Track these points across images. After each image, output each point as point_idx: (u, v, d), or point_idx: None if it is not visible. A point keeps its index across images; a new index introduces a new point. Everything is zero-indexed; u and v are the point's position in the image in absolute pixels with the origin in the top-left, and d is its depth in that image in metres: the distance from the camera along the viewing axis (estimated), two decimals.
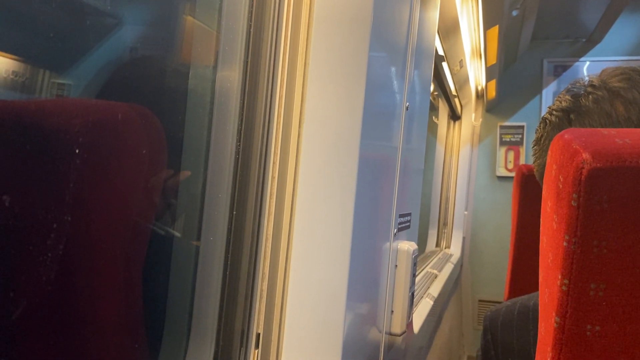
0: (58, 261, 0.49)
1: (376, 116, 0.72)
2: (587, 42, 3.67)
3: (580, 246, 0.45)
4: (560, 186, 0.46)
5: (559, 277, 0.46)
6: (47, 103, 0.55)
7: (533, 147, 0.94)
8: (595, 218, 0.44)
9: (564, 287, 0.46)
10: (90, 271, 0.55)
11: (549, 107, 0.91)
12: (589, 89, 0.84)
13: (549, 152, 0.50)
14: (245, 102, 0.66)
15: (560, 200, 0.46)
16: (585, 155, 0.44)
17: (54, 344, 0.52)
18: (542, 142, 0.91)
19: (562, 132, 0.50)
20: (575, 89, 0.86)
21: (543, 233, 0.52)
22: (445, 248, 3.27)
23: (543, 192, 0.52)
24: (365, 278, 0.73)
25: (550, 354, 0.47)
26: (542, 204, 0.53)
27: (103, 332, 0.58)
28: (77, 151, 0.49)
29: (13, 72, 0.54)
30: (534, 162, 0.94)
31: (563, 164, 0.46)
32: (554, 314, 0.47)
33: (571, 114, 0.85)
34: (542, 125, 0.91)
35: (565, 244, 0.45)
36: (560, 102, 0.87)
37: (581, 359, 0.46)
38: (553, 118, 0.88)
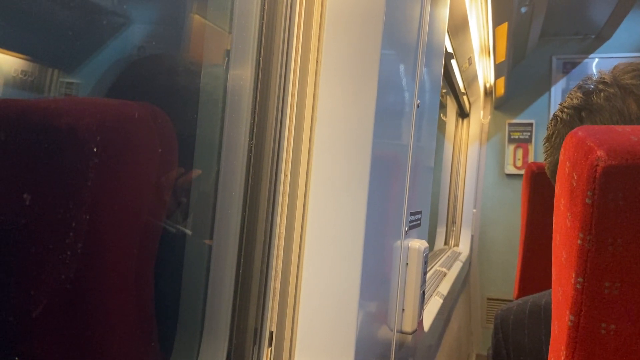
0: (71, 260, 0.49)
1: (388, 114, 0.72)
2: (597, 38, 3.64)
3: (595, 244, 0.44)
4: (574, 184, 0.46)
5: (573, 275, 0.46)
6: (59, 102, 0.56)
7: (544, 144, 0.93)
8: (610, 216, 0.44)
9: (578, 286, 0.46)
10: (103, 269, 0.55)
11: (560, 104, 0.90)
12: (601, 86, 0.83)
13: (562, 150, 0.50)
14: (258, 100, 0.67)
15: (574, 198, 0.46)
16: (600, 153, 0.44)
17: (67, 342, 0.52)
18: (553, 139, 0.90)
19: (576, 129, 0.50)
20: (586, 86, 0.86)
21: (556, 231, 0.52)
22: (453, 246, 3.26)
23: (556, 190, 0.52)
24: (377, 276, 0.73)
25: (564, 353, 0.47)
26: (555, 201, 0.52)
27: (117, 330, 0.58)
28: (89, 150, 0.49)
29: (22, 71, 0.54)
30: (545, 160, 0.93)
31: (577, 162, 0.46)
32: (568, 312, 0.47)
33: (582, 111, 0.84)
34: (553, 122, 0.91)
35: (579, 242, 0.45)
36: (572, 99, 0.86)
37: (596, 358, 0.46)
38: (564, 115, 0.87)
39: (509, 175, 3.76)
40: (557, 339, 0.50)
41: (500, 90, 3.40)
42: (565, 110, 0.87)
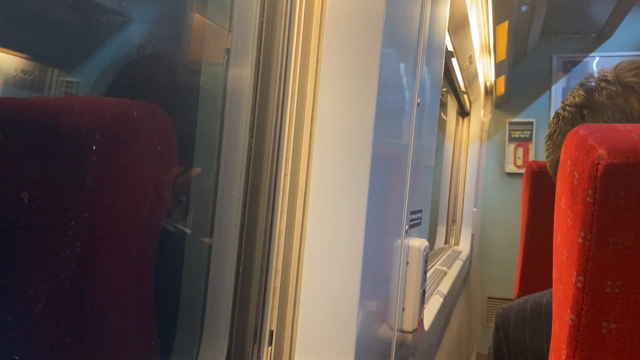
0: (71, 259, 0.49)
1: (388, 113, 0.72)
2: (597, 37, 3.64)
3: (596, 243, 0.44)
4: (575, 182, 0.46)
5: (574, 274, 0.46)
6: (59, 101, 0.56)
7: (546, 142, 0.93)
8: (611, 214, 0.44)
9: (579, 284, 0.45)
10: (103, 268, 0.55)
11: (563, 102, 0.90)
12: (603, 84, 0.83)
13: (563, 148, 0.50)
14: (258, 99, 0.66)
15: (575, 197, 0.46)
16: (601, 151, 0.44)
17: (66, 341, 0.52)
18: (554, 137, 0.90)
19: (577, 127, 0.50)
20: (588, 84, 0.85)
21: (557, 229, 0.52)
22: (454, 245, 3.26)
23: (557, 189, 0.52)
24: (377, 275, 0.73)
25: (565, 352, 0.47)
26: (556, 200, 0.52)
27: (115, 330, 0.58)
28: (89, 149, 0.49)
29: (22, 70, 0.54)
30: (546, 158, 0.93)
31: (578, 160, 0.46)
32: (568, 311, 0.47)
33: (584, 109, 0.84)
34: (555, 120, 0.91)
35: (580, 240, 0.45)
36: (574, 97, 0.86)
37: (597, 357, 0.46)
38: (566, 113, 0.87)
39: (510, 174, 3.76)
40: (558, 338, 0.50)
41: (501, 89, 3.40)
42: (567, 108, 0.87)
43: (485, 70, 2.97)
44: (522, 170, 3.30)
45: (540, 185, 1.84)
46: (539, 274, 1.89)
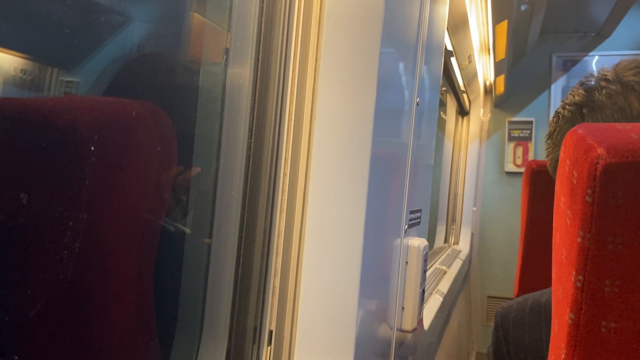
0: (70, 259, 0.49)
1: (387, 112, 0.71)
2: (597, 36, 3.64)
3: (595, 242, 0.44)
4: (574, 182, 0.46)
5: (573, 273, 0.46)
6: (58, 100, 0.56)
7: (546, 141, 0.93)
8: (610, 214, 0.44)
9: (578, 284, 0.46)
10: (102, 269, 0.55)
11: (562, 101, 0.90)
12: (603, 83, 0.83)
13: (562, 147, 0.50)
14: (257, 99, 0.66)
15: (574, 196, 0.46)
16: (600, 150, 0.44)
17: (66, 341, 0.52)
18: (554, 136, 0.90)
19: (576, 127, 0.50)
20: (588, 83, 0.86)
21: (556, 229, 0.52)
22: (453, 244, 3.26)
23: (556, 188, 0.52)
24: (376, 275, 0.73)
25: (564, 351, 0.47)
26: (555, 199, 0.52)
27: (115, 330, 0.58)
28: (88, 148, 0.49)
29: (21, 70, 0.54)
30: (547, 157, 0.93)
31: (577, 159, 0.46)
32: (568, 310, 0.47)
33: (584, 108, 0.84)
34: (554, 119, 0.91)
35: (579, 239, 0.45)
36: (573, 96, 0.87)
37: (596, 356, 0.46)
38: (566, 112, 0.87)
39: (509, 173, 3.76)
40: (557, 337, 0.50)
41: (500, 88, 3.40)
42: (567, 107, 0.88)
43: (485, 70, 2.97)
44: (522, 170, 3.31)
45: (539, 184, 1.84)
46: (538, 273, 1.89)
